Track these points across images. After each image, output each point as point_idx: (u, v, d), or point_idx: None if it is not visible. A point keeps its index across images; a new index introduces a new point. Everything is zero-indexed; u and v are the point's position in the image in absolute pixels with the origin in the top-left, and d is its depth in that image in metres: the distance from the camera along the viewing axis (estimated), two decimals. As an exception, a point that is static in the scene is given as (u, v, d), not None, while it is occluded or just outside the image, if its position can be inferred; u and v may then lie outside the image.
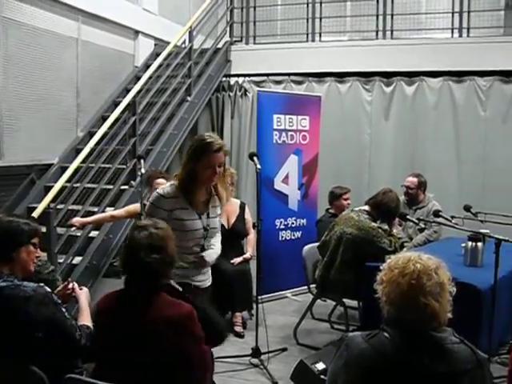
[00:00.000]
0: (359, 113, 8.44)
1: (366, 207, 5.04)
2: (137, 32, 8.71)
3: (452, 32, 8.51)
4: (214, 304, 3.13)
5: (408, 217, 5.21)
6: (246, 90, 8.86)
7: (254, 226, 5.69)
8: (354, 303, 5.27)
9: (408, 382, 2.01)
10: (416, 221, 5.19)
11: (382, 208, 4.96)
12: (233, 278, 5.37)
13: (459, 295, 4.22)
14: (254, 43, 9.33)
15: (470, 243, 4.79)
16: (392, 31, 8.67)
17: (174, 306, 2.44)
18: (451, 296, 2.12)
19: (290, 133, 6.81)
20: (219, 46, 8.88)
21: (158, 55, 7.91)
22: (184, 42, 8.24)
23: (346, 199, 6.22)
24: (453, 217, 5.11)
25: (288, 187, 6.82)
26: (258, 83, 8.82)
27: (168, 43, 7.99)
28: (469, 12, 8.35)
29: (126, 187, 6.54)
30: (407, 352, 2.03)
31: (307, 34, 8.99)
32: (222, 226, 5.58)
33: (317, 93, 7.96)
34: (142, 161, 5.56)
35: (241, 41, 9.41)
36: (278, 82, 8.76)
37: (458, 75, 8.09)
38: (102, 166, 6.38)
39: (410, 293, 2.05)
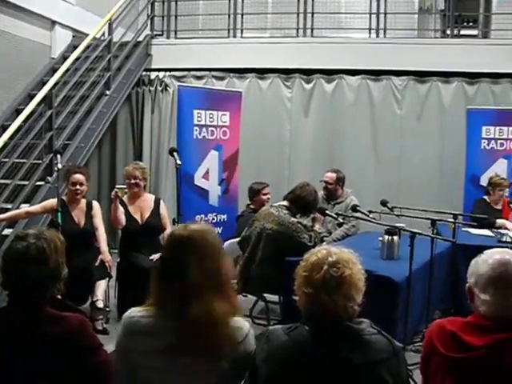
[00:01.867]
0: (279, 109, 8.51)
1: (285, 202, 5.09)
2: (53, 22, 8.42)
3: (370, 32, 8.72)
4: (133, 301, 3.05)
5: (327, 212, 5.29)
6: (166, 85, 8.74)
7: (174, 222, 5.62)
8: (275, 298, 5.31)
9: (327, 373, 2.04)
10: (335, 215, 5.27)
11: (300, 202, 5.02)
12: (149, 274, 5.27)
13: (376, 287, 4.32)
14: (176, 37, 9.22)
15: (386, 237, 4.94)
16: (312, 29, 8.79)
17: (59, 321, 2.23)
18: (364, 288, 2.15)
19: (210, 128, 6.79)
20: (140, 39, 8.71)
21: (75, 47, 7.69)
22: (103, 34, 8.05)
23: (265, 194, 6.24)
24: (370, 211, 5.23)
25: (208, 183, 6.81)
26: (178, 78, 8.72)
27: (87, 35, 7.79)
28: (385, 14, 8.58)
29: (41, 183, 6.34)
30: (326, 344, 2.06)
31: (228, 30, 8.97)
32: (136, 221, 5.55)
33: (238, 89, 7.98)
34: (58, 156, 5.38)
35: (162, 35, 9.28)
36: (199, 78, 8.70)
37: (376, 74, 8.31)
38: (17, 160, 6.15)
39: (324, 286, 2.07)
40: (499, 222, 6.48)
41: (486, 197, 6.88)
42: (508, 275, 2.13)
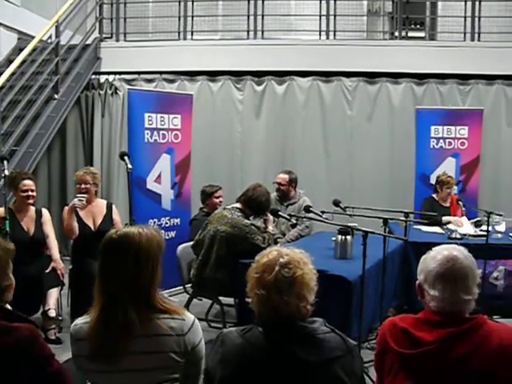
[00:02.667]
0: (231, 111, 8.51)
1: (238, 205, 5.09)
2: (-3, 24, 8.20)
3: (320, 34, 8.79)
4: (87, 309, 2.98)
5: (280, 213, 5.30)
6: (116, 89, 8.63)
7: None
8: (231, 300, 5.30)
9: (282, 373, 2.05)
10: (288, 217, 5.28)
11: (253, 203, 5.02)
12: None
13: (330, 287, 4.40)
14: (125, 40, 9.11)
15: (339, 237, 4.99)
16: (263, 31, 8.82)
17: (8, 332, 2.16)
18: (316, 287, 2.16)
19: (161, 132, 6.73)
20: (88, 42, 8.56)
21: (21, 50, 7.50)
22: (50, 36, 7.88)
23: (217, 197, 6.22)
24: (323, 212, 5.25)
25: (161, 187, 6.74)
26: (128, 81, 8.63)
27: (33, 37, 7.60)
28: (335, 16, 8.68)
29: (-13, 190, 6.13)
30: (280, 344, 2.07)
31: (179, 33, 8.92)
32: (89, 227, 5.45)
33: (189, 91, 7.94)
34: (5, 162, 5.24)
35: (111, 37, 9.15)
36: (150, 81, 8.62)
37: (326, 75, 8.41)
38: (-41, 167, 5.94)
39: (276, 287, 2.07)
40: (445, 219, 6.61)
41: (434, 195, 7.03)
42: (455, 270, 2.18)
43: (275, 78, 8.46)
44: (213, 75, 8.55)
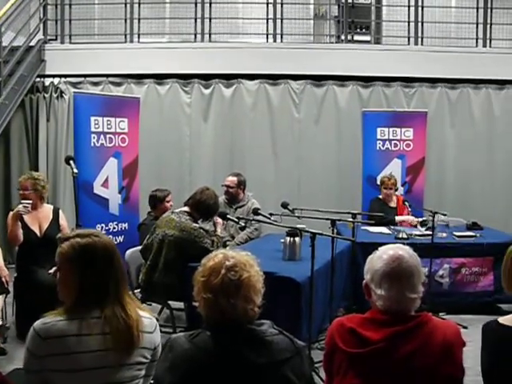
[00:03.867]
0: (179, 114, 8.47)
1: (186, 208, 5.07)
2: None
3: (267, 37, 8.84)
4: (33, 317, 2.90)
5: (228, 216, 5.29)
6: (62, 92, 8.47)
7: (72, 232, 5.43)
8: (181, 304, 5.26)
9: (232, 377, 2.04)
10: (236, 219, 5.28)
11: (201, 206, 5.01)
12: (50, 289, 5.06)
13: (280, 288, 4.41)
14: (70, 42, 8.93)
15: (288, 238, 5.02)
16: (210, 34, 8.80)
17: None
18: (263, 289, 2.15)
19: (108, 135, 6.63)
20: (32, 44, 8.35)
21: (-39, 51, 7.27)
22: (-9, 38, 7.65)
23: (168, 201, 6.18)
24: (271, 214, 5.28)
25: (108, 191, 6.64)
26: (74, 84, 8.47)
27: (-28, 39, 7.38)
28: (282, 19, 8.74)
29: None
30: (229, 348, 2.06)
31: (125, 35, 8.81)
32: (34, 233, 5.32)
33: (136, 94, 7.85)
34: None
35: (56, 39, 8.96)
36: (96, 84, 8.49)
37: (274, 78, 8.46)
38: None
39: (223, 290, 2.07)
40: (398, 218, 6.75)
41: (380, 196, 7.17)
42: (401, 269, 2.21)
43: (223, 81, 8.46)
44: (160, 78, 8.49)
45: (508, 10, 9.16)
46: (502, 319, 2.30)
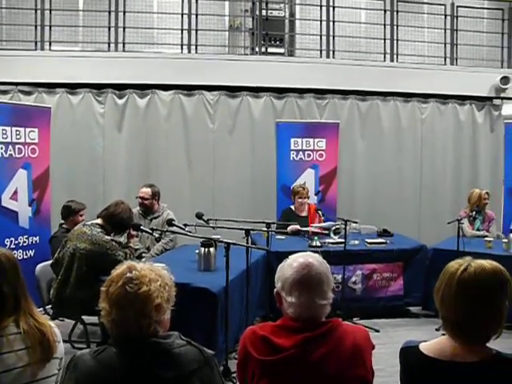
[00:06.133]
0: (92, 125, 8.28)
1: (99, 220, 4.98)
2: None
3: (181, 48, 8.83)
4: None
5: (142, 227, 5.24)
6: (-33, 101, 8.11)
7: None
8: (95, 319, 5.13)
9: None
10: (150, 231, 5.24)
11: (114, 219, 4.94)
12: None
13: (195, 299, 4.41)
14: (-24, 49, 8.60)
15: (202, 249, 5.03)
16: (124, 44, 8.70)
17: None
18: (170, 304, 2.13)
19: (17, 146, 6.39)
20: None
21: None
22: None
23: (81, 215, 6.03)
24: (186, 225, 5.27)
25: (17, 204, 6.39)
26: (-19, 93, 8.15)
27: None
28: (196, 30, 8.76)
29: None
30: (135, 363, 2.01)
31: (36, 42, 8.56)
32: None
33: (47, 104, 7.62)
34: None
35: (-41, 46, 8.61)
36: (4, 92, 8.16)
37: (188, 89, 8.44)
38: None
39: (117, 302, 2.04)
40: (289, 228, 6.85)
41: (292, 206, 7.29)
42: (311, 277, 2.26)
43: (137, 91, 8.36)
44: (72, 87, 8.28)
45: (413, 27, 9.58)
46: (423, 347, 2.13)
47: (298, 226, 6.95)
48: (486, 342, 2.06)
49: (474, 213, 7.23)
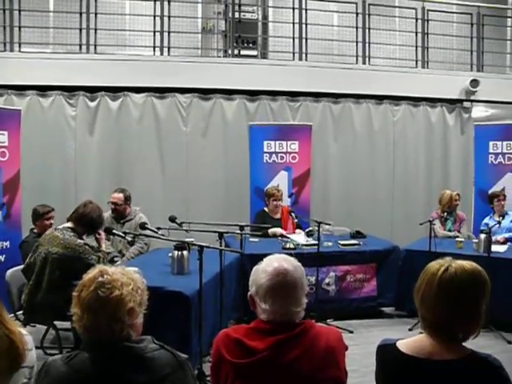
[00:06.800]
0: (63, 128, 8.18)
1: (70, 224, 4.92)
2: None
3: (154, 50, 8.79)
4: None
5: (114, 231, 5.20)
6: None
7: None
8: (68, 324, 5.07)
9: None
10: (122, 234, 5.20)
11: (84, 220, 4.88)
12: None
13: (169, 303, 4.40)
14: None
15: (175, 252, 5.01)
16: (96, 46, 8.62)
17: None
18: (140, 309, 2.10)
19: (-14, 149, 6.32)
20: None
21: None
22: None
23: (48, 219, 5.94)
24: (159, 228, 5.22)
25: (-13, 208, 6.31)
26: None
27: None
28: (169, 32, 8.72)
29: None
30: (108, 368, 2.00)
31: (5, 44, 8.43)
32: None
33: (17, 107, 7.52)
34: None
35: None
36: (-28, 95, 8.06)
37: (161, 92, 8.41)
38: None
39: (90, 307, 2.02)
40: (270, 231, 6.88)
41: (266, 208, 7.30)
42: (285, 284, 2.25)
43: (109, 94, 8.29)
44: (43, 90, 8.18)
45: (384, 30, 9.68)
46: (401, 345, 2.15)
47: (281, 230, 6.98)
48: (464, 342, 2.10)
49: (445, 214, 7.32)
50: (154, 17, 8.74)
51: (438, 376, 2.05)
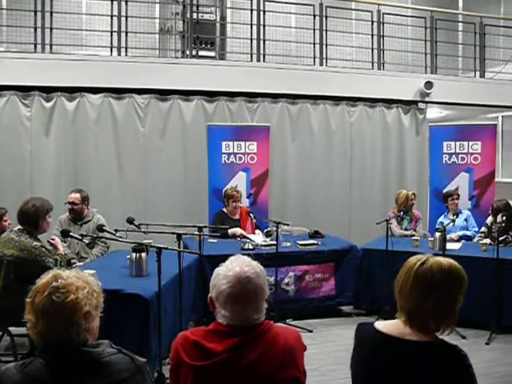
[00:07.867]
0: (18, 129, 8.03)
1: (20, 226, 4.82)
2: None
3: (111, 50, 8.71)
4: None
5: (71, 233, 5.12)
6: None
7: None
8: (23, 330, 4.98)
9: None
10: (79, 237, 5.12)
11: (28, 215, 4.76)
12: None
13: (127, 305, 4.35)
14: None
15: (133, 254, 4.97)
16: (51, 45, 8.49)
17: None
18: (96, 312, 2.07)
19: None
20: None
21: None
22: None
23: (6, 220, 5.84)
24: (117, 230, 5.17)
25: None
26: None
27: None
28: (126, 32, 8.65)
29: None
30: (64, 374, 1.97)
31: (-45, 43, 8.25)
32: None
33: (-31, 107, 7.36)
34: None
35: None
36: None
37: (118, 92, 8.33)
38: None
39: (45, 312, 1.99)
40: (230, 231, 6.90)
41: (224, 209, 7.32)
42: (246, 293, 2.23)
43: (65, 94, 8.17)
44: (-4, 90, 8.03)
45: (341, 32, 9.79)
46: (378, 324, 2.31)
47: (241, 230, 7.00)
48: (436, 332, 2.23)
49: (401, 213, 7.45)
50: (112, 16, 8.66)
51: (407, 354, 2.19)
